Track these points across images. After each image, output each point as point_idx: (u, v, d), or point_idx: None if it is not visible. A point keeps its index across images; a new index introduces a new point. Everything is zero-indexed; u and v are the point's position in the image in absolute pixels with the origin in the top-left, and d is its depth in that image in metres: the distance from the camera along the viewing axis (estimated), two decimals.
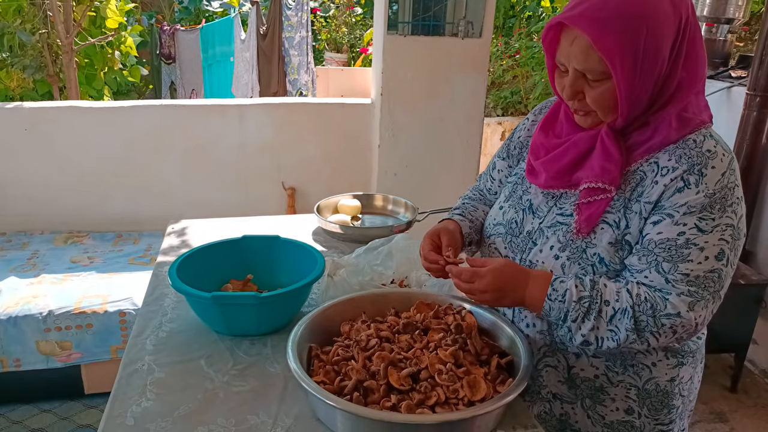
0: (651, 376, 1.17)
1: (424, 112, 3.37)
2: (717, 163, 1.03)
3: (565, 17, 1.02)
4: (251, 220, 2.13)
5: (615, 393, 1.18)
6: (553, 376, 1.22)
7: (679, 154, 1.05)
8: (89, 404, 2.61)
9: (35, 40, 5.06)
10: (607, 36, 0.98)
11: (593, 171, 1.09)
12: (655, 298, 1.03)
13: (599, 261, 1.10)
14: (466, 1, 3.22)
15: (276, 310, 1.36)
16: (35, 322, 2.46)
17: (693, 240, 1.02)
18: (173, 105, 3.61)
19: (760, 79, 2.91)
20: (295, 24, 5.46)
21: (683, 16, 1.01)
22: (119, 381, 1.20)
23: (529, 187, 1.25)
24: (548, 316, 1.09)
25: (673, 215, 1.03)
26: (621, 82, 1.01)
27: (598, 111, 1.07)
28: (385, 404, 1.01)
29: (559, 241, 1.14)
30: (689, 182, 1.02)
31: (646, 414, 1.19)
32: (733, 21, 3.71)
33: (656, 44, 0.99)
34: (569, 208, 1.15)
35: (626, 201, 1.09)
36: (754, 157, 3.01)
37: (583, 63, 1.02)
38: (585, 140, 1.12)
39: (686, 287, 1.02)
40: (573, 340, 1.08)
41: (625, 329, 1.03)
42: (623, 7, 0.98)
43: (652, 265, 1.04)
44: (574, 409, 1.22)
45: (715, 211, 1.01)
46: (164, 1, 9.44)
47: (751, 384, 2.98)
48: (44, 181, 3.31)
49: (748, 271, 2.82)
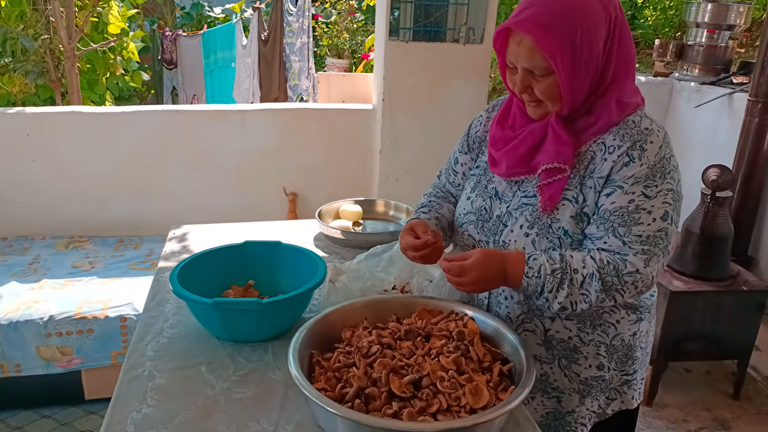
0: (616, 332, 1.32)
1: (426, 117, 3.37)
2: (654, 138, 1.20)
3: (512, 23, 1.17)
4: (252, 226, 2.13)
5: (587, 351, 1.32)
6: (532, 339, 1.33)
7: (622, 134, 1.21)
8: (90, 410, 2.60)
9: (37, 45, 5.08)
10: (548, 38, 1.13)
11: (549, 154, 1.24)
12: (615, 261, 1.17)
13: (564, 233, 1.24)
14: (467, 7, 3.23)
15: (277, 316, 1.36)
16: (36, 327, 2.46)
17: (641, 205, 1.17)
18: (175, 110, 3.61)
19: (762, 85, 2.91)
20: (296, 30, 5.47)
21: (612, 16, 1.17)
22: (119, 387, 1.20)
23: (492, 177, 1.38)
24: (526, 291, 1.23)
25: (622, 186, 1.18)
26: (563, 76, 1.16)
27: (546, 101, 1.22)
28: (387, 411, 1.01)
29: (527, 220, 1.27)
30: (633, 157, 1.18)
31: (614, 367, 1.34)
32: (734, 27, 3.71)
33: (590, 42, 1.15)
34: (532, 190, 1.29)
35: (581, 178, 1.24)
36: (755, 164, 3.01)
37: (530, 62, 1.17)
38: (538, 129, 1.26)
39: (640, 246, 1.17)
40: (551, 308, 1.21)
41: (594, 291, 1.17)
42: (561, 12, 1.14)
43: (609, 231, 1.19)
44: (552, 368, 1.34)
45: (657, 179, 1.18)
46: (166, 7, 9.48)
47: (753, 391, 2.97)
48: (46, 186, 3.31)
49: (751, 278, 2.81)
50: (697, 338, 2.73)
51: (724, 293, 2.72)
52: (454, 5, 3.23)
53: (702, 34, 3.76)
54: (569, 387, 1.34)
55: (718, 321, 2.75)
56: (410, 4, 3.20)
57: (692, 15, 3.75)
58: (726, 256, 2.76)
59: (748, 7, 3.71)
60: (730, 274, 2.78)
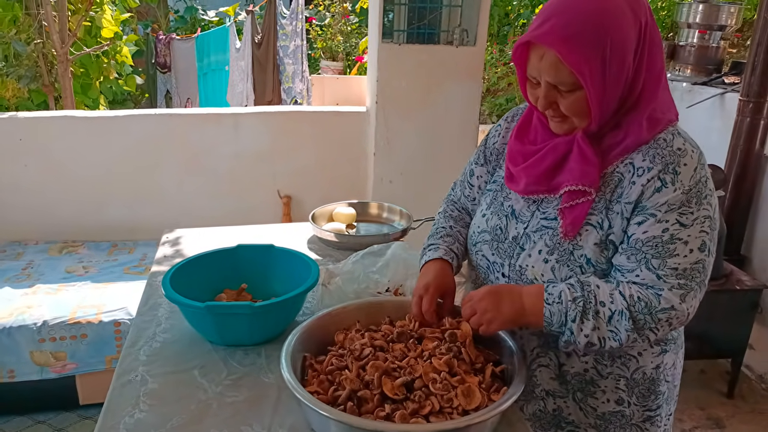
0: (638, 365, 1.21)
1: (419, 119, 3.38)
2: (688, 160, 1.08)
3: (533, 36, 1.06)
4: (246, 229, 2.13)
5: (605, 385, 1.22)
6: (546, 374, 1.25)
7: (653, 154, 1.09)
8: (84, 415, 2.59)
9: (30, 50, 5.07)
10: (574, 51, 1.02)
11: (573, 174, 1.13)
12: (648, 296, 1.07)
13: (586, 262, 1.13)
14: (461, 9, 3.23)
15: (270, 319, 1.36)
16: (29, 332, 2.45)
17: (677, 235, 1.07)
18: (168, 114, 3.61)
19: (753, 85, 2.93)
20: (290, 33, 5.47)
21: (642, 22, 1.06)
22: (112, 392, 1.20)
23: (509, 194, 1.27)
24: (550, 324, 1.10)
25: (655, 214, 1.08)
26: (591, 91, 1.05)
27: (573, 117, 1.11)
28: (379, 414, 1.01)
29: (547, 245, 1.17)
30: (666, 181, 1.07)
31: (635, 402, 1.24)
32: (725, 28, 3.74)
33: (621, 52, 1.04)
34: (552, 212, 1.18)
35: (607, 203, 1.13)
36: (747, 163, 3.02)
37: (554, 77, 1.06)
38: (562, 145, 1.15)
39: (676, 281, 1.07)
40: (577, 343, 1.09)
41: (625, 330, 1.07)
42: (587, 22, 1.02)
43: (642, 263, 1.09)
44: (566, 402, 1.25)
45: (693, 205, 1.07)
46: (160, 10, 9.47)
47: (747, 389, 2.98)
48: (39, 191, 3.30)
49: (744, 277, 2.83)
50: (691, 337, 2.72)
51: (718, 292, 2.73)
52: (447, 7, 3.23)
53: (693, 35, 3.78)
54: (585, 422, 1.25)
55: (712, 320, 2.76)
56: (404, 6, 3.20)
57: (684, 16, 3.77)
58: (719, 255, 2.77)
59: (739, 8, 3.74)
60: (723, 273, 2.80)
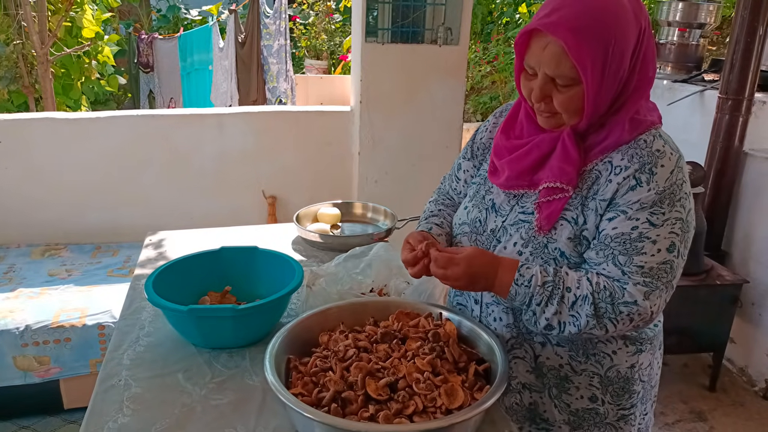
0: (612, 363, 1.23)
1: (404, 119, 3.38)
2: (666, 161, 1.10)
3: (542, 24, 1.05)
4: (230, 231, 2.12)
5: (579, 381, 1.24)
6: (522, 366, 1.27)
7: (631, 154, 1.11)
8: (69, 419, 2.57)
9: (10, 50, 5.01)
10: (581, 44, 1.02)
11: (552, 172, 1.15)
12: (613, 287, 1.09)
13: (560, 255, 1.15)
14: (444, 7, 3.24)
15: (254, 321, 1.36)
16: (12, 337, 2.42)
17: (646, 234, 1.08)
18: (151, 115, 3.58)
19: (732, 82, 2.97)
20: (273, 32, 5.45)
21: (642, 27, 1.07)
22: (95, 397, 1.19)
23: (491, 188, 1.30)
24: (513, 301, 1.14)
25: (626, 211, 1.09)
26: (589, 87, 1.05)
27: (563, 114, 1.11)
28: (363, 415, 1.01)
29: (522, 238, 1.19)
30: (641, 180, 1.09)
31: (609, 400, 1.25)
32: (705, 26, 3.78)
33: (621, 52, 1.05)
34: (530, 206, 1.20)
35: (583, 199, 1.15)
36: (726, 160, 3.06)
37: (555, 69, 1.06)
38: (547, 142, 1.17)
39: (641, 278, 1.08)
40: (537, 324, 1.14)
41: (585, 315, 1.09)
42: (596, 17, 1.03)
43: (609, 258, 1.10)
44: (542, 398, 1.27)
45: (665, 206, 1.08)
46: (142, 10, 9.39)
47: (729, 383, 3.03)
48: (20, 193, 3.26)
49: (724, 272, 2.87)
50: (673, 332, 2.77)
51: (699, 287, 2.77)
52: (431, 5, 3.24)
53: (673, 33, 3.82)
54: (559, 418, 1.27)
55: (694, 315, 2.80)
56: (387, 4, 3.20)
57: (664, 14, 3.81)
58: (700, 251, 2.81)
59: (718, 6, 3.78)
60: (704, 268, 2.84)
